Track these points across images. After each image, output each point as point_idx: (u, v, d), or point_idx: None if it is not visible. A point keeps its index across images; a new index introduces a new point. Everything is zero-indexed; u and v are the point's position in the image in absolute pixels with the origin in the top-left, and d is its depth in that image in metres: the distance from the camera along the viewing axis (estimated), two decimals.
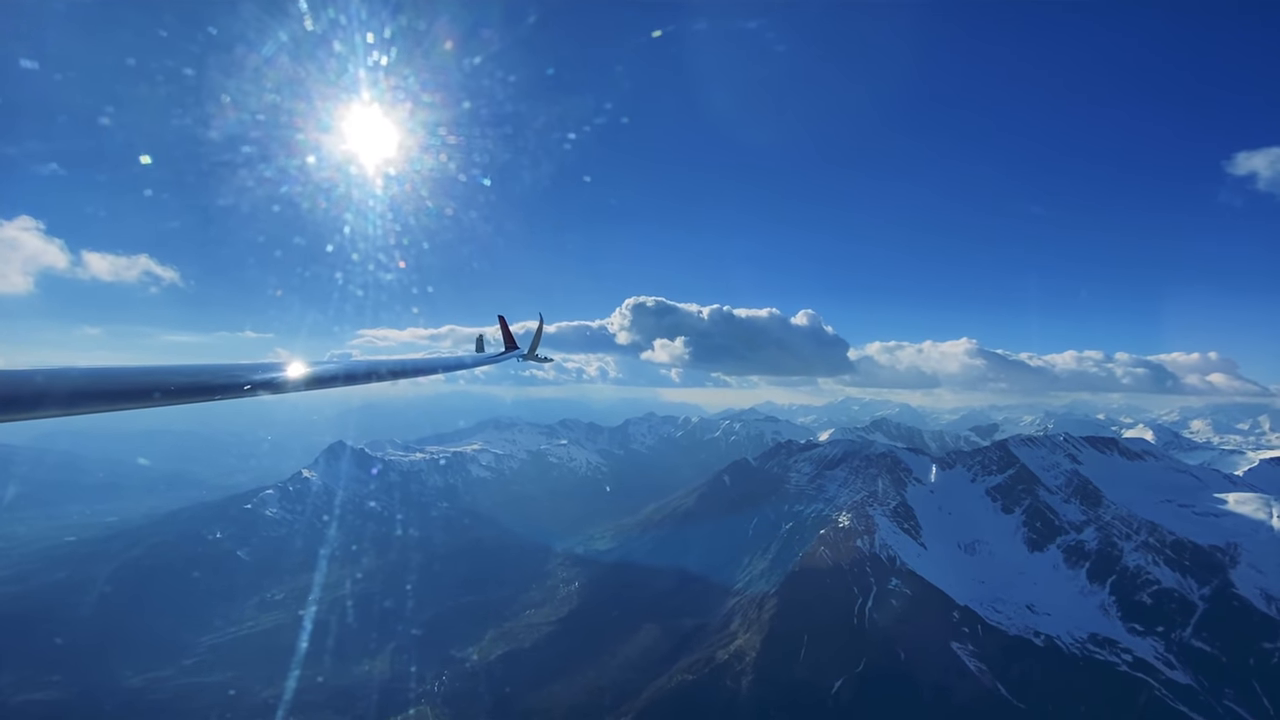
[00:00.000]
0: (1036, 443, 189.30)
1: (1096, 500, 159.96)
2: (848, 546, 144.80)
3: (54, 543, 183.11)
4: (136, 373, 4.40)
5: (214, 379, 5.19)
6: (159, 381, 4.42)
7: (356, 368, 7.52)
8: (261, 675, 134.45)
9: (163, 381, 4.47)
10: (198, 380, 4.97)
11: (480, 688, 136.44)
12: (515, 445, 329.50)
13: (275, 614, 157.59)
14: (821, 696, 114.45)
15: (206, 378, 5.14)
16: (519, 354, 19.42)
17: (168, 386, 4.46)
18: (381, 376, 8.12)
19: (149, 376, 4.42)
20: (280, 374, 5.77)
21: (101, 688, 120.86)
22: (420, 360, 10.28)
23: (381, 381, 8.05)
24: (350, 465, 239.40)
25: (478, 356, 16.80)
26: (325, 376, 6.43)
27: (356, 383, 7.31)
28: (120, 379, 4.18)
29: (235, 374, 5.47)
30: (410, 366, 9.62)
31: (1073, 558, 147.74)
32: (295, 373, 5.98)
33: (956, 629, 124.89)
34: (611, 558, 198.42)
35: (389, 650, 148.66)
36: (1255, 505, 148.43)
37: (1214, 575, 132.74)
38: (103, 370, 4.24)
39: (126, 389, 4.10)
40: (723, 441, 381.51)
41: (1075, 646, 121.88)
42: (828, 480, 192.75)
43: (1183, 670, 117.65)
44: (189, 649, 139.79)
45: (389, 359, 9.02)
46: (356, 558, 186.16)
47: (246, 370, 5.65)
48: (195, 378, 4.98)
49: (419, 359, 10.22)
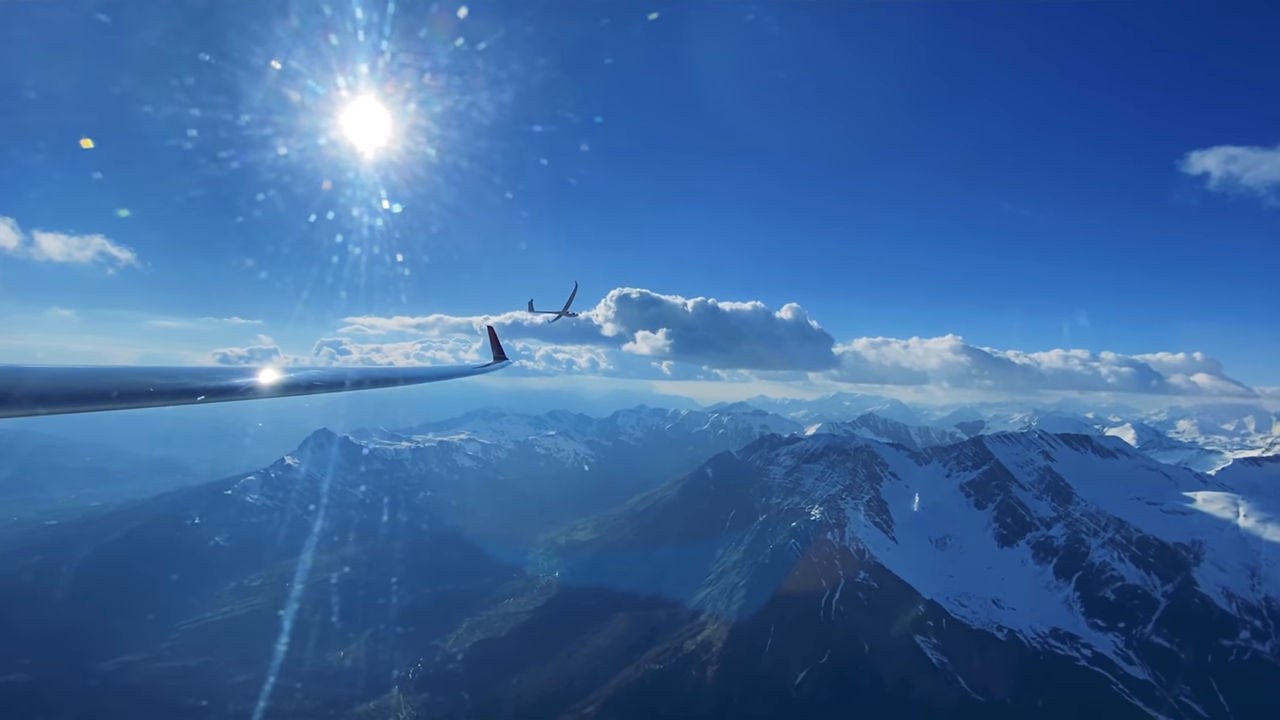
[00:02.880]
0: (1012, 439, 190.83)
1: (1067, 497, 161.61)
2: (818, 540, 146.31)
3: (35, 526, 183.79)
4: (100, 374, 4.22)
5: (191, 382, 4.92)
6: (121, 383, 4.18)
7: (340, 375, 7.25)
8: (236, 660, 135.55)
9: (128, 383, 4.22)
10: (174, 383, 4.72)
11: (454, 675, 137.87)
12: (503, 435, 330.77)
13: (252, 600, 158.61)
14: (784, 687, 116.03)
15: (185, 380, 4.88)
16: (507, 364, 19.57)
17: (133, 388, 4.21)
18: (363, 385, 7.77)
19: (112, 378, 4.19)
20: (255, 379, 5.44)
21: (73, 671, 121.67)
22: (409, 369, 10.33)
23: (362, 389, 7.57)
24: (334, 453, 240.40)
25: (466, 366, 16.48)
26: (304, 383, 6.13)
27: (340, 389, 7.01)
28: (82, 380, 4.00)
29: (213, 377, 5.27)
30: (400, 375, 9.51)
31: (1041, 553, 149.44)
32: (269, 378, 5.61)
33: (921, 622, 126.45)
34: (592, 548, 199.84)
35: (366, 637, 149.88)
36: (1223, 504, 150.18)
37: (1177, 572, 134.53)
38: (64, 370, 4.11)
39: (87, 391, 3.90)
40: (711, 434, 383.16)
41: (1036, 641, 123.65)
42: (805, 474, 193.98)
43: (1141, 666, 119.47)
44: (163, 634, 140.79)
45: (375, 368, 8.67)
46: (337, 545, 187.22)
47: (223, 374, 5.46)
48: (173, 380, 4.72)
49: (407, 368, 10.03)
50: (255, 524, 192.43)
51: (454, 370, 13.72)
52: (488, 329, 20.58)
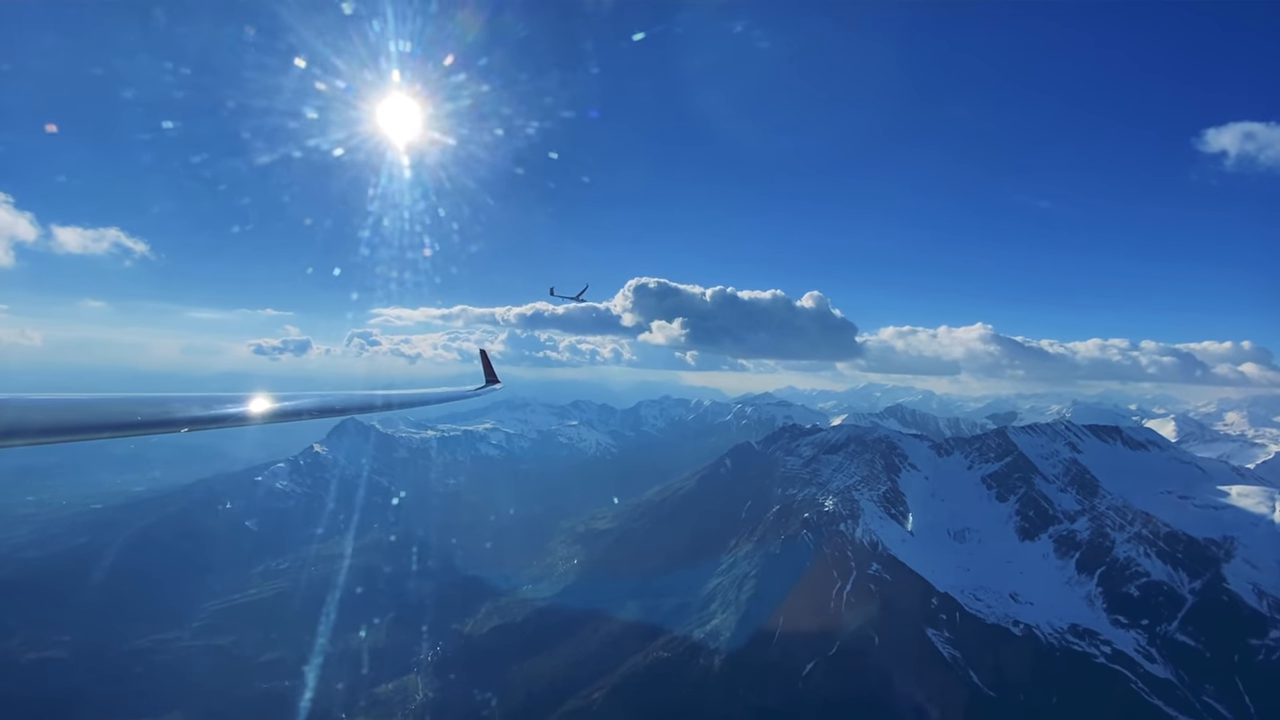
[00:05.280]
0: (1038, 430, 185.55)
1: (1093, 490, 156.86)
2: (831, 531, 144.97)
3: (80, 510, 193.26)
4: (96, 404, 4.34)
5: (179, 411, 5.01)
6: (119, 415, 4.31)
7: (334, 401, 7.29)
8: (262, 640, 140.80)
9: (126, 414, 4.36)
10: (162, 413, 4.82)
11: (470, 659, 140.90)
12: (527, 425, 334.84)
13: (279, 582, 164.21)
14: (792, 678, 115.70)
15: (174, 410, 4.99)
16: (498, 388, 19.60)
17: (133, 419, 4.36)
18: (350, 410, 7.96)
19: (109, 408, 4.32)
20: (243, 408, 5.51)
21: (108, 648, 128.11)
22: (398, 395, 10.55)
23: (352, 414, 7.88)
24: (360, 441, 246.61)
25: (456, 392, 16.42)
26: (292, 411, 6.14)
27: (333, 415, 7.04)
28: (81, 411, 4.17)
29: (203, 405, 5.30)
30: (397, 400, 9.74)
31: (1063, 548, 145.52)
32: (258, 407, 5.62)
33: (934, 615, 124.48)
34: (610, 537, 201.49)
35: (388, 620, 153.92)
36: (1258, 498, 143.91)
37: (1206, 569, 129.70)
38: (67, 401, 4.25)
39: (87, 422, 4.09)
40: (734, 425, 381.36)
41: (1054, 637, 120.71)
42: (823, 465, 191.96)
43: (1163, 664, 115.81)
44: (194, 614, 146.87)
45: (362, 393, 9.24)
46: (361, 530, 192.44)
47: (216, 402, 5.47)
48: (161, 409, 4.83)
49: (395, 394, 10.63)
50: (284, 509, 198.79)
51: (442, 396, 13.89)
52: (480, 352, 20.59)
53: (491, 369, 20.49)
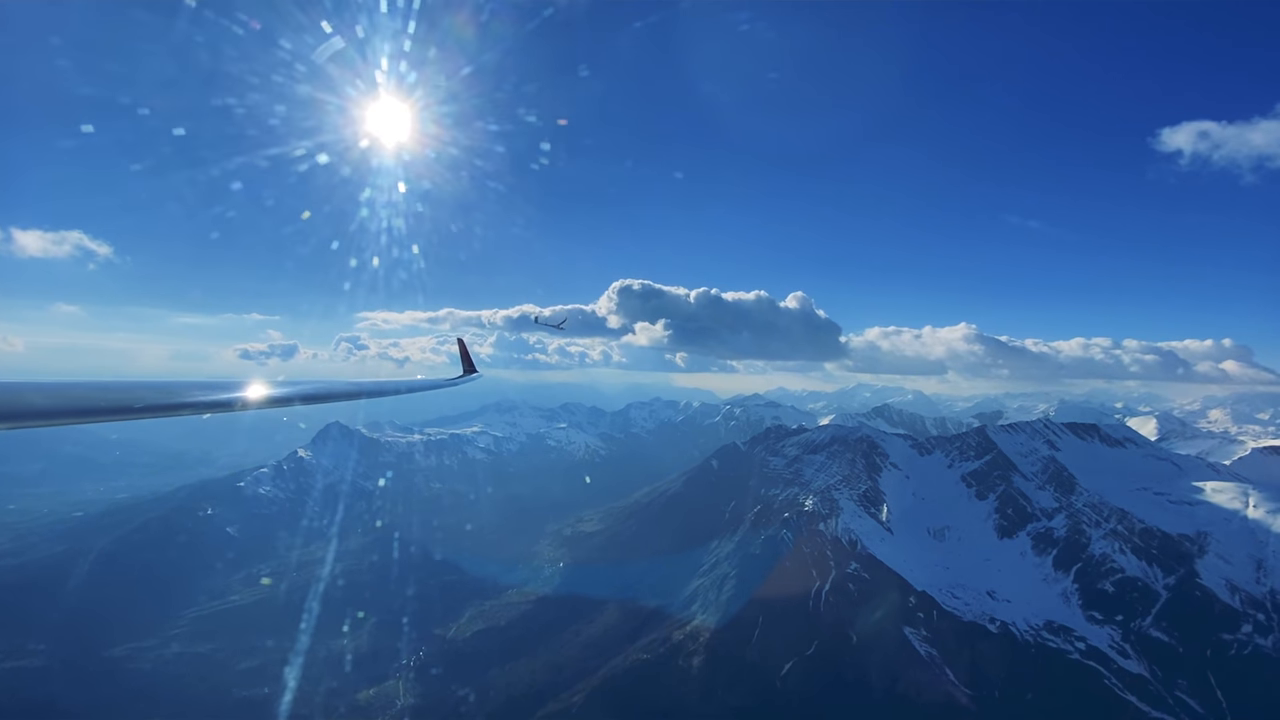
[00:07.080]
0: (1017, 429, 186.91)
1: (1070, 487, 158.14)
2: (810, 530, 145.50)
3: (61, 517, 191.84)
4: (90, 388, 4.47)
5: (165, 398, 5.14)
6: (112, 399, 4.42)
7: (317, 388, 7.58)
8: (242, 647, 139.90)
9: (117, 398, 4.48)
10: (149, 398, 4.92)
11: (453, 663, 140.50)
12: (515, 428, 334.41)
13: (260, 589, 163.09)
14: (770, 678, 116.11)
15: (162, 395, 5.12)
16: (477, 377, 19.76)
17: (119, 404, 4.47)
18: (337, 397, 8.23)
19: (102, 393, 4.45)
20: (231, 394, 5.68)
21: (84, 657, 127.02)
22: (379, 383, 10.88)
23: (337, 401, 8.23)
24: (344, 445, 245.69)
25: (435, 380, 16.65)
26: (282, 398, 6.34)
27: (314, 402, 7.39)
28: (71, 394, 4.27)
29: (190, 392, 5.46)
30: (370, 389, 9.94)
31: (1041, 545, 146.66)
32: (253, 393, 5.83)
33: (911, 614, 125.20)
34: (597, 540, 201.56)
35: (370, 625, 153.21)
36: (1232, 494, 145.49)
37: (1180, 564, 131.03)
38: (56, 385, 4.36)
39: (79, 406, 4.19)
40: (722, 427, 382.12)
41: (1029, 634, 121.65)
42: (806, 464, 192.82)
43: (1137, 660, 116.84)
44: (173, 621, 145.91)
45: (349, 381, 9.49)
46: (344, 535, 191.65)
47: (201, 389, 5.63)
48: (146, 395, 4.93)
49: (376, 381, 10.81)
50: (266, 515, 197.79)
51: (420, 385, 14.07)
52: (458, 341, 20.78)
53: (469, 358, 20.56)
